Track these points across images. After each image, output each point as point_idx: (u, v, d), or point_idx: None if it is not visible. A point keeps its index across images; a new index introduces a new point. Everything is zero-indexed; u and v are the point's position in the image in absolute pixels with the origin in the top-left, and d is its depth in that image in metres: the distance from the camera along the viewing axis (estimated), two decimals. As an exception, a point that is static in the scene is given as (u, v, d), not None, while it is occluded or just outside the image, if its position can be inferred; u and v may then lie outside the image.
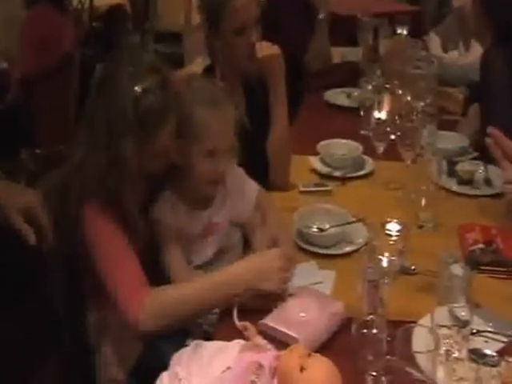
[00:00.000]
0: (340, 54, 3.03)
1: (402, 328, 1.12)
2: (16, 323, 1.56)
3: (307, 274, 1.53)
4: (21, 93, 2.44)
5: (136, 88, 1.40)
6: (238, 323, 1.33)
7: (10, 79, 2.56)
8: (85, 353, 1.61)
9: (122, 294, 1.40)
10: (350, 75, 2.65)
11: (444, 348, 1.18)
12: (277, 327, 1.31)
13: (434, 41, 2.76)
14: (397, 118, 1.95)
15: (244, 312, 1.38)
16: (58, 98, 2.45)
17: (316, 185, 1.98)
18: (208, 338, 1.37)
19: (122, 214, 1.44)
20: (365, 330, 1.12)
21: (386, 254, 1.26)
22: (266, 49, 1.86)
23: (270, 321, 1.33)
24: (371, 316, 1.12)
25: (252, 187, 1.70)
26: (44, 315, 1.59)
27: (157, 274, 1.51)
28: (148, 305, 1.38)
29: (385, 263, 1.21)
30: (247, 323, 1.32)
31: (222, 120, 1.52)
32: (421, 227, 1.73)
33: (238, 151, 1.59)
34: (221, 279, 1.42)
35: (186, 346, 1.27)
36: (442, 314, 1.22)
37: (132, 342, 1.58)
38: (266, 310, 1.37)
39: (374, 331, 1.12)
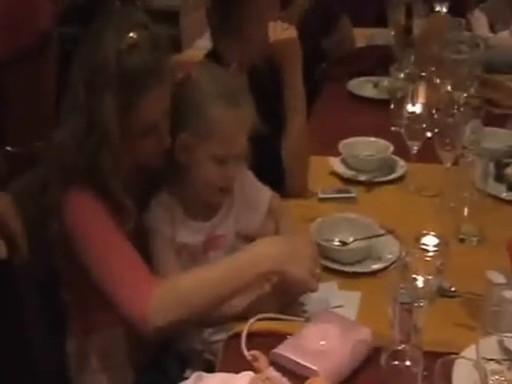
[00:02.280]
0: (366, 36, 3.05)
1: (440, 360, 1.13)
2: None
3: (326, 295, 1.54)
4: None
5: (122, 41, 1.43)
6: (246, 352, 1.34)
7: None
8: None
9: (125, 288, 1.40)
10: (378, 61, 2.67)
11: (492, 386, 1.18)
12: (292, 357, 1.32)
13: (479, 20, 2.78)
14: (434, 111, 1.96)
15: (254, 339, 1.39)
16: (33, 87, 2.47)
17: (338, 191, 2.00)
18: (210, 368, 1.38)
19: (108, 199, 1.45)
20: (396, 362, 1.13)
21: (422, 273, 1.27)
22: (281, 31, 1.88)
23: (284, 350, 1.34)
24: (403, 345, 1.13)
25: (263, 193, 1.72)
26: (15, 344, 1.61)
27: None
28: (158, 295, 1.38)
29: (420, 283, 1.22)
30: (257, 352, 1.32)
31: (238, 122, 1.53)
32: (462, 241, 1.75)
33: (248, 153, 1.60)
34: (244, 257, 1.44)
35: (185, 378, 1.28)
36: (489, 344, 1.21)
37: (121, 369, 1.61)
38: (280, 338, 1.38)
39: (408, 363, 1.13)
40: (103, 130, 1.43)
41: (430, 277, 1.28)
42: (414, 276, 1.24)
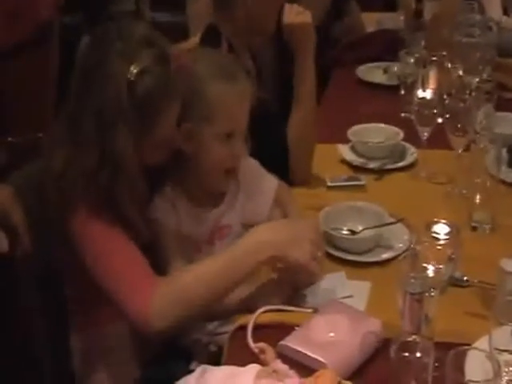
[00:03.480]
0: (375, 20, 3.02)
1: (452, 352, 1.12)
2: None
3: (335, 285, 1.53)
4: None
5: (130, 69, 1.39)
6: (252, 345, 1.33)
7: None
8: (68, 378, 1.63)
9: (127, 289, 1.41)
10: (388, 46, 2.65)
11: (506, 378, 1.17)
12: (300, 349, 1.31)
13: (492, 2, 2.74)
14: (445, 97, 1.95)
15: (261, 331, 1.38)
16: (34, 77, 2.45)
17: (347, 179, 1.99)
18: (216, 361, 1.37)
19: (118, 217, 1.44)
20: (406, 354, 1.12)
21: (432, 262, 1.25)
22: (296, 15, 1.87)
23: (291, 342, 1.33)
24: (414, 336, 1.12)
25: (270, 182, 1.70)
26: (18, 342, 1.60)
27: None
28: (159, 295, 1.39)
29: (431, 272, 1.20)
30: (264, 344, 1.32)
31: (239, 95, 1.54)
32: (475, 229, 1.73)
33: (249, 138, 1.60)
34: (243, 246, 1.43)
35: (191, 371, 1.27)
36: (502, 335, 1.20)
37: (126, 364, 1.61)
38: (287, 330, 1.37)
39: (418, 355, 1.12)
40: (118, 161, 1.41)
41: (441, 266, 1.26)
42: (424, 265, 1.22)
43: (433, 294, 1.23)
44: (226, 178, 1.60)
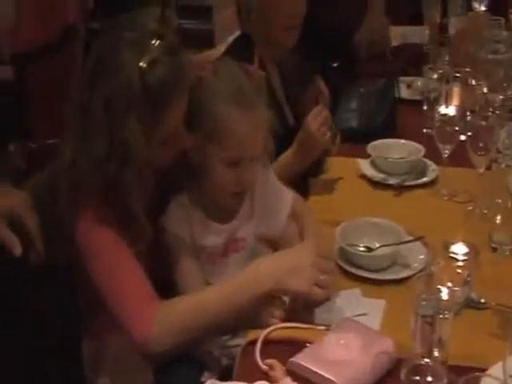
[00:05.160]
0: (400, 34, 3.00)
1: (465, 377, 1.10)
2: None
3: (349, 302, 1.52)
4: (14, 71, 2.44)
5: (142, 58, 1.39)
6: (260, 362, 1.32)
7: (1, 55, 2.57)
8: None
9: (128, 311, 1.42)
10: (412, 60, 2.62)
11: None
12: (311, 367, 1.29)
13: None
14: (468, 114, 1.93)
15: (272, 347, 1.37)
16: (58, 81, 2.46)
17: None
18: (228, 374, 1.37)
19: (124, 216, 1.44)
20: (417, 377, 1.10)
21: (448, 284, 1.23)
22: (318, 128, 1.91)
23: (302, 359, 1.32)
24: (425, 360, 1.10)
25: (286, 196, 1.69)
26: (29, 346, 1.60)
27: (165, 294, 1.50)
28: (160, 319, 1.40)
29: (445, 295, 1.18)
30: (274, 361, 1.30)
31: (250, 125, 1.49)
32: (495, 250, 1.70)
33: (272, 152, 1.59)
34: (244, 279, 1.44)
35: (201, 382, 1.26)
36: (518, 361, 1.18)
37: (137, 372, 1.60)
38: (299, 347, 1.35)
39: (429, 379, 1.10)
40: (127, 150, 1.40)
41: (456, 288, 1.24)
42: (439, 287, 1.20)
43: (447, 316, 1.20)
44: (232, 199, 1.57)
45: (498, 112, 1.95)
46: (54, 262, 1.51)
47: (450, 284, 1.21)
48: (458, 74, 2.18)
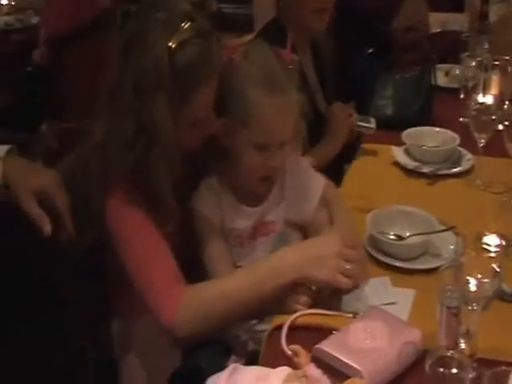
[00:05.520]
0: (440, 21, 2.96)
1: (493, 370, 1.08)
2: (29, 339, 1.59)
3: (379, 291, 1.50)
4: (49, 54, 2.46)
5: (172, 38, 1.38)
6: (286, 348, 1.31)
7: (40, 37, 2.59)
8: (108, 365, 1.64)
9: (155, 295, 1.42)
10: (451, 48, 2.58)
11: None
12: (335, 354, 1.28)
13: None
14: (506, 103, 1.89)
15: (298, 333, 1.36)
16: (93, 63, 2.46)
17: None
18: (254, 359, 1.37)
19: (152, 198, 1.44)
20: (442, 369, 1.08)
21: (477, 275, 1.20)
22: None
23: (327, 346, 1.30)
24: (450, 351, 1.08)
25: (317, 182, 1.67)
26: (58, 323, 1.61)
27: (193, 276, 1.51)
28: (185, 305, 1.41)
29: (473, 286, 1.16)
30: (298, 347, 1.29)
31: (280, 110, 1.48)
32: (528, 244, 1.66)
33: (304, 137, 1.57)
34: (268, 267, 1.43)
35: (226, 366, 1.26)
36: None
37: (165, 353, 1.61)
38: (325, 333, 1.34)
39: (454, 371, 1.08)
40: (155, 131, 1.40)
41: (485, 280, 1.21)
42: (467, 278, 1.18)
43: (476, 307, 1.18)
44: (261, 184, 1.56)
45: (537, 102, 1.91)
46: (84, 243, 1.52)
47: (479, 275, 1.19)
48: (496, 62, 2.14)
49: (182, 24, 1.41)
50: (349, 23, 2.26)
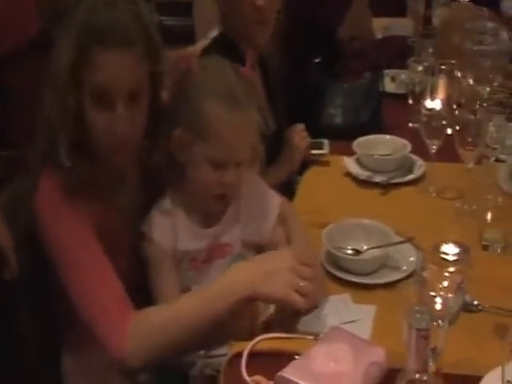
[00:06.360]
0: (383, 26, 2.95)
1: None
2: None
3: (339, 309, 1.46)
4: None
5: None
6: (247, 378, 1.25)
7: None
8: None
9: (102, 322, 1.36)
10: (396, 53, 2.56)
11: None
12: (298, 381, 1.22)
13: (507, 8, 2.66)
14: (455, 107, 1.86)
15: (258, 360, 1.30)
16: (33, 87, 2.37)
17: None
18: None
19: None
20: (411, 393, 1.03)
21: (441, 291, 1.16)
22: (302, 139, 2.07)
23: (290, 373, 1.24)
24: (422, 375, 1.03)
25: (273, 200, 1.62)
26: (7, 359, 1.53)
27: (140, 301, 1.44)
28: (134, 332, 1.34)
29: (438, 305, 1.12)
30: (260, 377, 1.24)
31: (237, 126, 1.44)
32: (486, 249, 1.65)
33: (262, 158, 1.54)
34: (218, 287, 1.37)
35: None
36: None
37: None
38: (286, 359, 1.28)
39: (425, 394, 1.03)
40: (56, 76, 1.37)
41: (450, 295, 1.17)
42: (432, 294, 1.14)
43: (442, 324, 1.14)
44: (216, 202, 1.51)
45: (485, 105, 1.89)
46: (29, 274, 1.46)
47: (442, 292, 1.15)
48: (443, 67, 2.12)
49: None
50: (297, 34, 2.22)
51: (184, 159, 1.48)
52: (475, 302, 1.43)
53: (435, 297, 1.13)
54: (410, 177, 1.96)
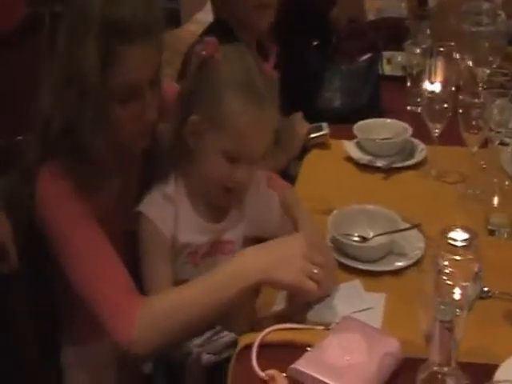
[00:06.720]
0: (376, 7, 2.92)
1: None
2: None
3: (351, 297, 1.43)
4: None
5: None
6: (260, 372, 1.22)
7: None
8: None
9: (108, 309, 1.33)
10: (391, 35, 2.52)
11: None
12: (312, 374, 1.20)
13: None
14: (454, 89, 1.83)
15: (268, 352, 1.27)
16: (23, 73, 2.30)
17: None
18: (212, 370, 1.35)
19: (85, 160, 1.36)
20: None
21: (457, 280, 1.13)
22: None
23: (304, 366, 1.22)
24: (443, 367, 1.00)
25: (274, 195, 1.57)
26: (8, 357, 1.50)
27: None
28: (142, 319, 1.31)
29: (457, 295, 1.09)
30: (275, 372, 1.20)
31: (255, 122, 1.38)
32: (492, 233, 1.62)
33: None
34: (229, 271, 1.33)
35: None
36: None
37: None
38: (298, 350, 1.25)
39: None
40: (83, 78, 1.31)
41: (466, 283, 1.15)
42: (449, 284, 1.11)
43: (460, 314, 1.11)
44: (223, 195, 1.44)
45: (486, 87, 1.86)
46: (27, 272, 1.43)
47: (460, 281, 1.12)
48: (441, 49, 2.09)
49: None
50: (292, 17, 2.17)
51: (196, 146, 1.42)
52: (485, 289, 1.40)
53: (453, 286, 1.10)
54: (412, 161, 1.93)
